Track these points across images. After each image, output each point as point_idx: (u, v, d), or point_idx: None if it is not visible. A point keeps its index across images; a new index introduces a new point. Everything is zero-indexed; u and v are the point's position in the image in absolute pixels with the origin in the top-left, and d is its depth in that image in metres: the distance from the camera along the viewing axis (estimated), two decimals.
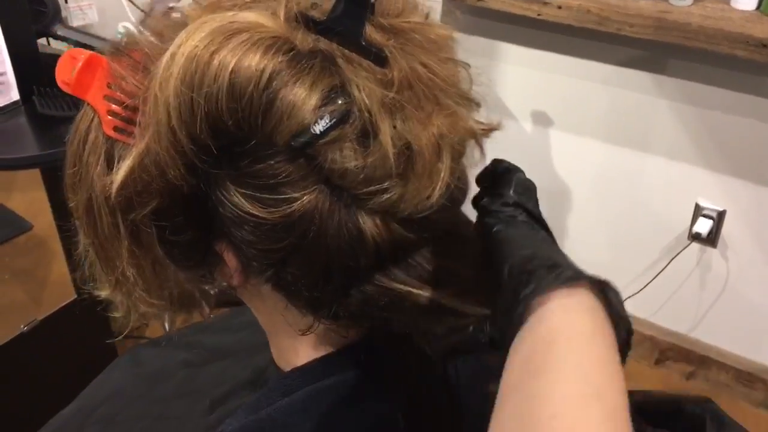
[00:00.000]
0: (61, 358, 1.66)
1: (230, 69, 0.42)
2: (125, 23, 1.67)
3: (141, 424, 0.74)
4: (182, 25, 0.47)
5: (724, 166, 1.69)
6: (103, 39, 1.60)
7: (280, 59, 0.42)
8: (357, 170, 0.43)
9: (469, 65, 0.51)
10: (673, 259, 1.81)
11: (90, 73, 0.49)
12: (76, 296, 1.64)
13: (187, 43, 0.42)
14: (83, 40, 1.53)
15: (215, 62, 0.42)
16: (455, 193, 0.48)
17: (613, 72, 1.73)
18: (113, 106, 0.48)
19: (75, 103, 1.43)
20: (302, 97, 0.42)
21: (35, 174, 1.52)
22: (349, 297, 0.48)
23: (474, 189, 0.55)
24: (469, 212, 0.55)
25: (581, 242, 2.00)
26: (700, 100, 1.65)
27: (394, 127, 0.44)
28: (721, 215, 1.73)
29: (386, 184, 0.44)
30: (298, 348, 0.57)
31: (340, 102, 0.43)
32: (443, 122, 0.46)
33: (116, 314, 0.56)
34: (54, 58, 1.55)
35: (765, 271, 1.75)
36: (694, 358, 1.93)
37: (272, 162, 0.44)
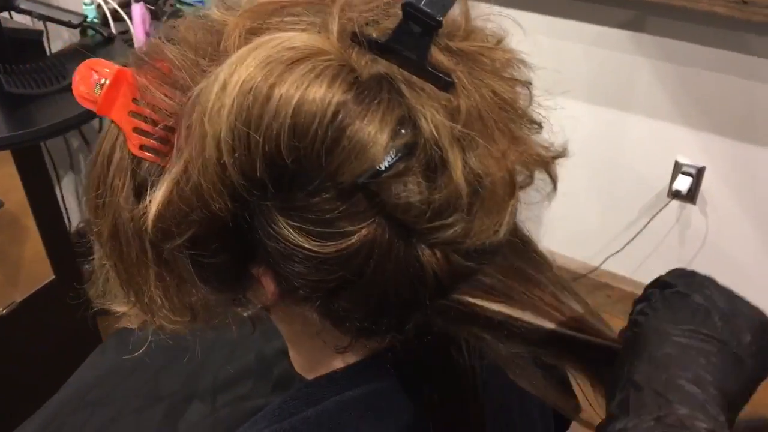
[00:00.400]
0: (42, 340, 1.64)
1: (293, 104, 0.38)
2: None
3: (134, 403, 0.73)
4: (216, 35, 0.43)
5: (704, 123, 1.69)
6: (69, 11, 1.55)
7: (345, 91, 0.38)
8: (421, 205, 0.40)
9: (530, 83, 0.47)
10: (653, 216, 1.82)
11: (115, 89, 0.45)
12: (54, 276, 1.62)
13: (241, 72, 0.38)
14: (48, 13, 1.48)
15: (276, 96, 0.38)
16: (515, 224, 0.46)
17: (592, 31, 1.72)
18: (141, 123, 0.44)
19: (44, 81, 1.40)
20: (372, 135, 0.38)
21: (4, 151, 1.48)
22: (404, 328, 0.46)
23: None
24: None
25: (562, 202, 2.00)
26: (680, 58, 1.64)
27: (466, 163, 0.40)
28: (700, 172, 1.74)
29: (451, 219, 0.41)
30: (321, 356, 0.54)
31: (405, 133, 0.39)
32: (515, 155, 0.43)
33: (131, 326, 0.53)
34: (18, 32, 1.50)
35: (743, 226, 1.77)
36: None
37: (329, 195, 0.41)
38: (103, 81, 0.45)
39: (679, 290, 0.48)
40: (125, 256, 0.47)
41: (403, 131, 0.39)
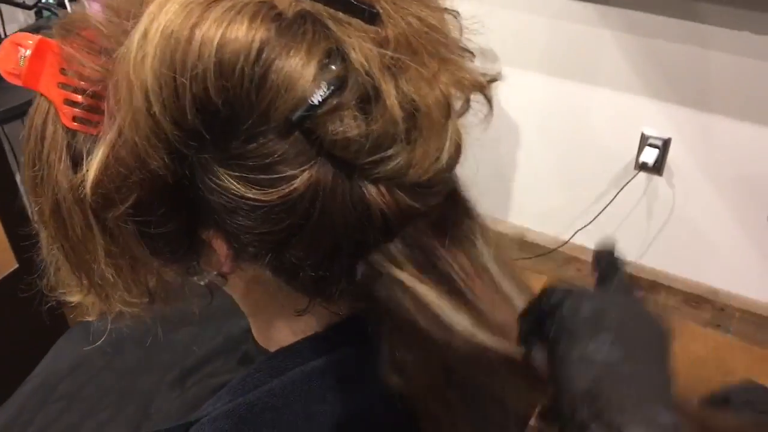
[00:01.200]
0: (6, 330, 1.61)
1: (215, 43, 0.37)
2: None
3: (107, 399, 0.72)
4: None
5: (669, 94, 1.71)
6: None
7: (268, 26, 0.38)
8: (360, 139, 0.39)
9: (458, 12, 0.47)
10: (621, 189, 1.84)
11: (40, 60, 0.43)
12: (17, 265, 1.59)
13: (161, 18, 0.38)
14: None
15: (197, 37, 0.37)
16: (458, 151, 0.45)
17: (555, 3, 1.71)
18: (70, 94, 0.43)
19: None
20: (299, 67, 0.38)
21: None
22: (355, 273, 0.45)
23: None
24: None
25: (531, 176, 2.01)
26: (643, 29, 1.65)
27: (399, 88, 0.40)
28: (666, 143, 1.75)
29: (392, 150, 0.40)
30: (284, 327, 0.54)
31: (336, 67, 0.39)
32: (449, 78, 0.42)
33: (90, 318, 0.52)
34: None
35: (709, 196, 1.79)
36: (643, 284, 1.99)
37: (265, 140, 0.40)
38: (27, 53, 0.43)
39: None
40: (70, 233, 0.46)
41: (332, 66, 0.38)
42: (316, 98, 0.38)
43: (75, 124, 0.43)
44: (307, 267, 0.44)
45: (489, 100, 0.48)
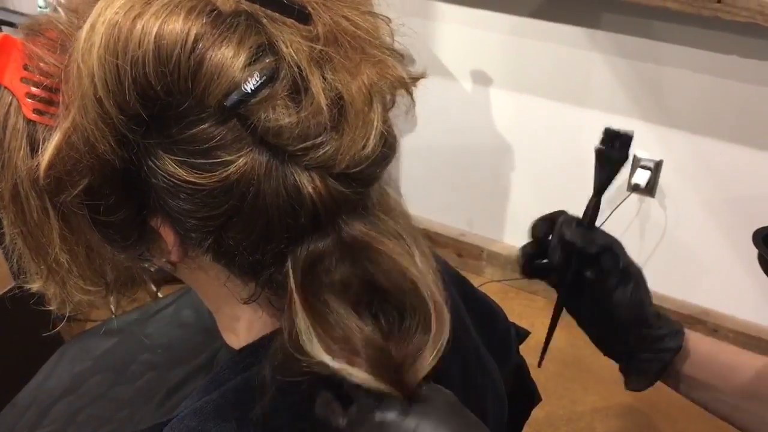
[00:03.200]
0: (3, 346, 1.61)
1: (154, 33, 0.41)
2: None
3: (105, 429, 0.73)
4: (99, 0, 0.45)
5: (659, 117, 1.73)
6: (23, 14, 1.52)
7: (204, 20, 0.42)
8: (291, 126, 0.43)
9: (390, 19, 0.50)
10: (614, 210, 1.85)
11: (4, 56, 0.47)
12: (14, 283, 1.59)
13: (107, 12, 0.41)
14: (1, 16, 1.46)
15: (138, 27, 0.41)
16: (387, 144, 0.48)
17: (548, 28, 1.74)
18: (32, 88, 0.46)
19: None
20: (230, 57, 0.41)
21: None
22: (285, 261, 0.48)
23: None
24: None
25: (523, 197, 2.03)
26: (634, 53, 1.67)
27: (324, 78, 0.44)
28: (658, 165, 1.77)
29: (321, 138, 0.44)
30: (244, 325, 0.56)
31: (268, 60, 0.42)
32: (372, 71, 0.46)
33: (50, 307, 0.54)
34: None
35: (701, 217, 1.81)
36: None
37: (204, 126, 0.43)
38: None
39: None
40: (28, 217, 0.49)
41: (267, 59, 0.42)
42: (249, 87, 0.41)
43: (35, 115, 0.47)
44: (243, 250, 0.47)
45: (411, 95, 0.51)
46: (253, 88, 0.42)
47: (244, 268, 0.49)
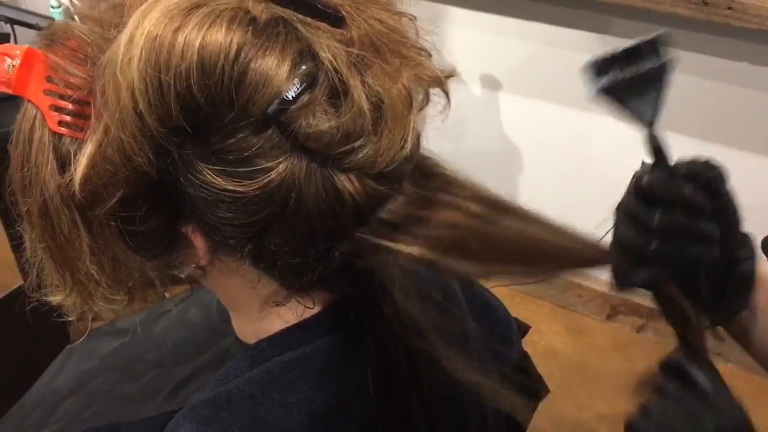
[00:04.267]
0: (11, 347, 1.62)
1: (197, 45, 0.40)
2: None
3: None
4: (119, 8, 0.45)
5: (669, 123, 1.72)
6: (37, 14, 1.54)
7: (245, 30, 0.41)
8: (331, 131, 0.43)
9: (415, 17, 0.50)
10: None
11: (27, 68, 0.46)
12: (23, 281, 1.60)
13: (145, 24, 0.40)
14: (15, 16, 1.47)
15: (180, 40, 0.40)
16: (419, 142, 0.48)
17: (558, 33, 1.74)
18: (56, 100, 0.46)
19: None
20: (274, 66, 0.41)
21: None
22: (331, 258, 0.48)
23: None
24: None
25: (532, 201, 2.02)
26: None
27: (365, 83, 0.44)
28: None
29: (360, 141, 0.44)
30: (263, 320, 0.56)
31: (307, 66, 0.42)
32: (410, 74, 0.46)
33: (69, 319, 0.54)
34: None
35: None
36: (643, 311, 1.99)
37: (244, 134, 0.43)
38: (15, 62, 0.46)
39: None
40: (57, 232, 0.48)
41: (303, 65, 0.42)
42: (290, 94, 0.41)
43: (61, 128, 0.46)
44: (285, 254, 0.47)
45: (446, 94, 0.52)
46: (294, 96, 0.42)
47: (286, 270, 0.49)
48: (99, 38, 0.45)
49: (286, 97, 0.41)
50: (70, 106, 0.45)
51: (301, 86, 0.42)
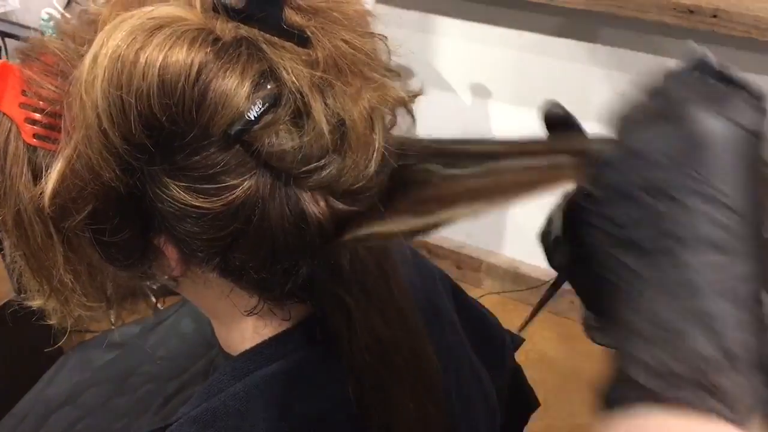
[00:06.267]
0: (2, 356, 1.61)
1: (158, 65, 0.41)
2: (49, 9, 1.60)
3: None
4: (93, 24, 0.46)
5: None
6: (28, 27, 1.54)
7: (207, 50, 0.42)
8: (294, 150, 0.43)
9: (386, 37, 0.51)
10: None
11: (2, 82, 0.47)
12: (13, 295, 1.60)
13: (109, 44, 0.41)
14: (5, 29, 1.47)
15: (141, 60, 0.41)
16: (385, 159, 0.48)
17: (547, 42, 1.75)
18: (31, 113, 0.47)
19: None
20: (234, 86, 0.42)
21: None
22: (298, 274, 0.49)
23: None
24: None
25: (522, 209, 2.03)
26: (632, 67, 1.69)
27: (326, 104, 0.44)
28: None
29: (323, 161, 0.45)
30: (243, 331, 0.57)
31: (270, 86, 0.43)
32: (372, 95, 0.47)
33: (50, 322, 0.54)
34: None
35: None
36: None
37: (209, 152, 0.44)
38: None
39: None
40: (31, 242, 0.49)
41: (268, 85, 0.43)
42: (253, 114, 0.42)
43: (35, 140, 0.47)
44: (251, 269, 0.48)
45: (411, 114, 0.52)
46: (256, 115, 0.42)
47: (252, 283, 0.50)
48: (72, 53, 0.46)
49: (248, 117, 0.42)
50: (43, 118, 0.46)
51: (263, 107, 0.42)
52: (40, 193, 0.46)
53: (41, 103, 0.47)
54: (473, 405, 0.68)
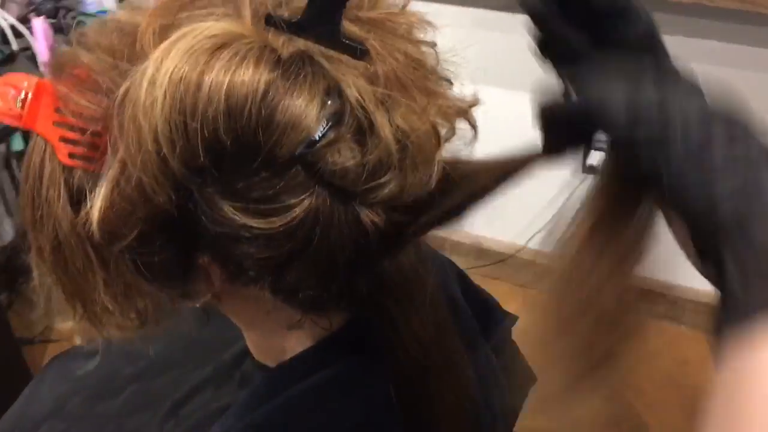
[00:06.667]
0: None
1: (224, 88, 0.39)
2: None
3: None
4: (128, 36, 0.43)
5: None
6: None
7: (271, 70, 0.40)
8: (357, 168, 0.42)
9: (435, 44, 0.50)
10: (572, 194, 1.89)
11: (35, 101, 0.45)
12: None
13: (167, 65, 0.39)
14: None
15: (206, 82, 0.39)
16: (446, 171, 0.48)
17: (495, 17, 1.76)
18: (66, 132, 0.44)
19: None
20: (303, 106, 0.40)
21: None
22: (354, 288, 0.48)
23: None
24: None
25: None
26: None
27: (392, 121, 0.43)
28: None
29: (386, 177, 0.43)
30: (282, 342, 0.56)
31: (333, 104, 0.41)
32: (437, 110, 0.46)
33: (78, 342, 0.53)
34: None
35: None
36: None
37: (269, 173, 0.42)
38: (23, 94, 0.44)
39: None
40: (70, 266, 0.47)
41: (329, 101, 0.41)
42: (318, 133, 0.41)
43: (71, 160, 0.44)
44: (306, 287, 0.46)
45: (473, 126, 0.52)
46: (321, 135, 0.41)
47: (304, 301, 0.48)
48: (110, 68, 0.43)
49: (314, 137, 0.40)
50: (80, 137, 0.44)
51: (327, 125, 0.41)
52: (86, 219, 0.43)
53: (77, 121, 0.44)
54: (488, 387, 0.69)
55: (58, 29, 1.63)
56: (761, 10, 1.39)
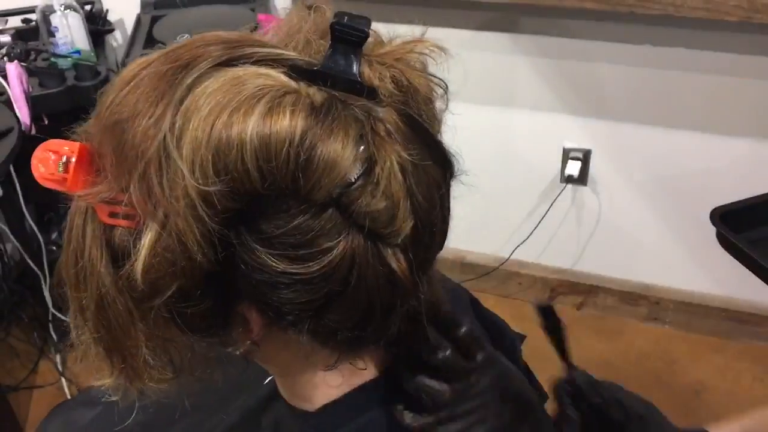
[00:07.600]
0: None
1: (262, 138, 0.40)
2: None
3: None
4: (151, 94, 0.43)
5: (585, 109, 1.81)
6: None
7: (306, 115, 0.40)
8: (387, 210, 0.43)
9: (446, 85, 0.54)
10: (552, 203, 1.93)
11: (75, 164, 0.45)
12: None
13: (198, 116, 0.40)
14: None
15: (243, 135, 0.40)
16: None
17: (470, 36, 1.79)
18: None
19: None
20: (339, 151, 0.41)
21: None
22: (391, 329, 0.48)
23: None
24: None
25: (464, 201, 2.08)
26: (555, 52, 1.74)
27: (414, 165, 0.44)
28: (587, 155, 1.86)
29: (408, 221, 0.44)
30: (317, 385, 0.56)
31: (365, 147, 0.42)
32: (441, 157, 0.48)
33: (115, 398, 0.52)
34: None
35: (631, 198, 1.90)
36: (581, 289, 2.07)
37: (305, 217, 0.42)
38: (64, 159, 0.45)
39: None
40: (113, 323, 0.47)
41: (362, 146, 0.42)
42: (353, 176, 0.41)
43: (112, 219, 0.45)
44: (345, 329, 0.47)
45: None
46: (357, 176, 0.41)
47: (344, 344, 0.49)
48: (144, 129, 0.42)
49: (350, 178, 0.41)
50: (119, 197, 0.44)
51: (363, 166, 0.41)
52: (129, 273, 0.44)
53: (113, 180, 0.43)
54: None
55: (32, 73, 1.59)
56: (725, 17, 1.44)
